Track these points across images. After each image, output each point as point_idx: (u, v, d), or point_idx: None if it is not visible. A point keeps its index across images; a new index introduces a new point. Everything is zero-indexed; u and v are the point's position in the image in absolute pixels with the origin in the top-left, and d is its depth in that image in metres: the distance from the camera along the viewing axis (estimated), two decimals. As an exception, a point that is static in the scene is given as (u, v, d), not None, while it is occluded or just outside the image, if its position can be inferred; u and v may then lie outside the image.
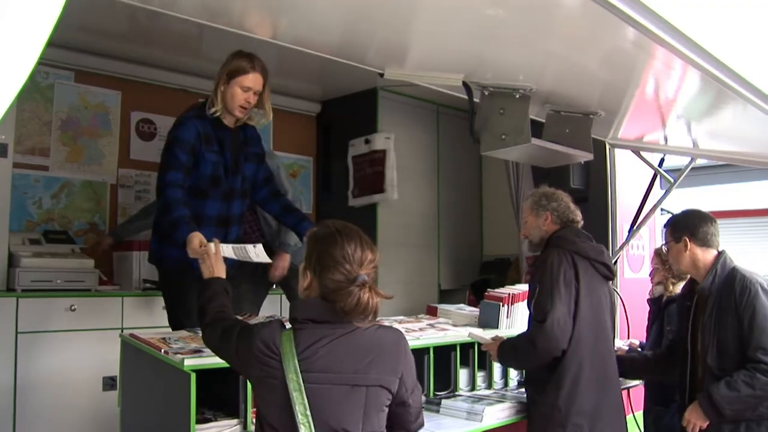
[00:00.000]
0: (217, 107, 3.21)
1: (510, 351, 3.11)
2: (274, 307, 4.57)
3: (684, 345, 3.24)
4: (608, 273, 3.20)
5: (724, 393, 2.92)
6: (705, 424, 3.02)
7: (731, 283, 3.06)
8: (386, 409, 2.12)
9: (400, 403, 2.16)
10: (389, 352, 2.14)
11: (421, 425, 2.29)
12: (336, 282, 2.03)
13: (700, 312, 3.17)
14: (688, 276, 3.39)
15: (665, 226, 3.37)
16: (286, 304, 4.48)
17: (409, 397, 2.18)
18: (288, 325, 2.08)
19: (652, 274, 4.06)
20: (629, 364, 3.52)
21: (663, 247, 3.52)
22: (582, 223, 3.29)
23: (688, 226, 3.23)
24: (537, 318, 2.97)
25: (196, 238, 2.81)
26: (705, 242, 3.19)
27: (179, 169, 3.12)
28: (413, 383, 2.19)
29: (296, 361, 1.96)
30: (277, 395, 1.98)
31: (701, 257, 3.19)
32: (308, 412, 1.95)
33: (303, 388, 1.96)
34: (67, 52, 4.60)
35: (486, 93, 3.18)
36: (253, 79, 3.21)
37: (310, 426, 1.95)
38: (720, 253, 3.19)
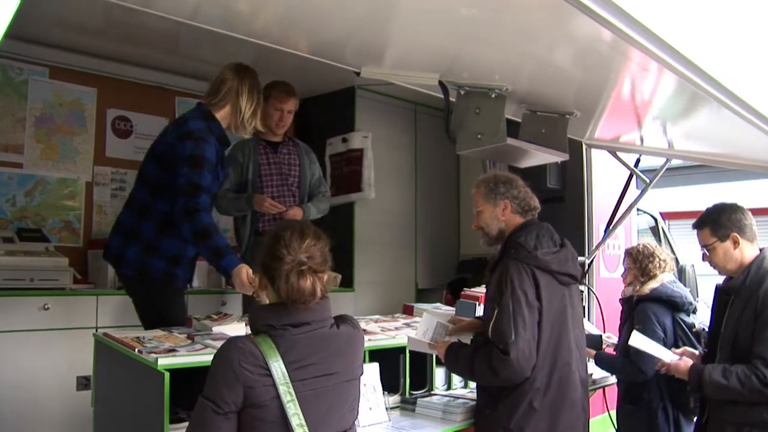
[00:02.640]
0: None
1: (465, 368, 2.85)
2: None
3: (714, 338, 3.09)
4: (571, 280, 2.91)
5: (715, 378, 2.85)
6: (682, 378, 3.03)
7: (760, 283, 2.91)
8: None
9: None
10: (358, 342, 2.19)
11: None
12: (275, 270, 2.01)
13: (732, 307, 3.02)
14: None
15: (697, 227, 3.09)
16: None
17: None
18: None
19: (624, 275, 4.08)
20: None
21: (702, 252, 3.14)
22: (540, 209, 3.02)
23: (733, 222, 3.02)
24: (498, 346, 2.67)
25: (244, 269, 2.84)
26: (753, 237, 3.03)
27: (208, 194, 3.13)
28: None
29: (284, 369, 1.91)
30: (266, 408, 1.91)
31: (748, 254, 3.01)
32: (303, 421, 1.90)
33: (296, 396, 1.90)
34: (41, 48, 4.54)
35: (462, 92, 3.18)
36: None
37: None
38: (760, 251, 3.03)
